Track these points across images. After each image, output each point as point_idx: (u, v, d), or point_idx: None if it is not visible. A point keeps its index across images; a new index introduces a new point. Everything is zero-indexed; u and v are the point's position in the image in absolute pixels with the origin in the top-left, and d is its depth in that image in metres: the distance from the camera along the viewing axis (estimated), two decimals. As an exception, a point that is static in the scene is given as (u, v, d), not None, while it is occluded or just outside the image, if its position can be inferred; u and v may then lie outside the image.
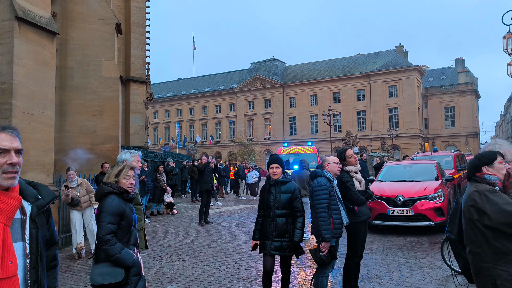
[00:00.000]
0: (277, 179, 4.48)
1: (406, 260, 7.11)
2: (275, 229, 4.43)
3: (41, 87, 8.03)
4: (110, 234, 3.21)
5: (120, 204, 3.33)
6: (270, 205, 4.45)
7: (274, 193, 4.48)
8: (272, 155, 4.75)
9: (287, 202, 4.42)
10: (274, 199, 4.46)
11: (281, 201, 4.42)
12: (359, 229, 4.91)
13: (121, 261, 3.18)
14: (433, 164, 10.61)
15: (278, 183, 4.49)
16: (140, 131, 18.26)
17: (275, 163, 4.50)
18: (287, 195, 4.43)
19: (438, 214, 8.93)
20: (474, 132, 54.86)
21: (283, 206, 4.41)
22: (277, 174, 4.46)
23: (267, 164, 4.57)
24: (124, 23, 17.99)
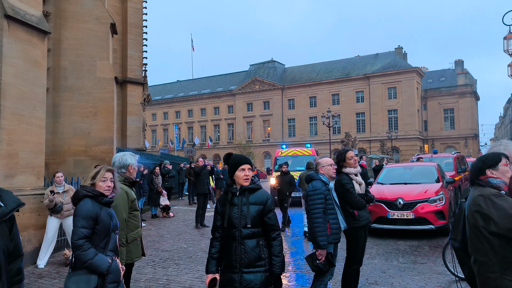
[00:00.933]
0: (246, 186, 3.23)
1: (407, 265, 6.90)
2: (244, 255, 3.12)
3: (31, 87, 7.81)
4: (83, 239, 3.07)
5: (94, 207, 3.17)
6: (234, 222, 3.18)
7: (239, 205, 3.20)
8: (237, 155, 3.45)
9: (258, 218, 3.18)
10: (239, 213, 3.16)
11: (249, 216, 3.15)
12: (358, 235, 4.70)
13: (94, 267, 3.04)
14: (433, 166, 10.41)
15: (244, 192, 3.22)
16: (137, 133, 18.04)
17: (246, 163, 3.29)
18: (256, 208, 3.19)
19: (439, 217, 8.73)
20: (474, 134, 54.73)
21: (253, 222, 3.16)
22: (249, 179, 3.28)
23: (233, 164, 3.30)
24: (121, 24, 17.80)
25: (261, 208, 3.21)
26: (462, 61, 62.03)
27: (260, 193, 3.27)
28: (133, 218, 4.00)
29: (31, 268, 7.18)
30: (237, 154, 3.40)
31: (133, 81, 17.84)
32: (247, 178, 3.25)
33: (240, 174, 3.25)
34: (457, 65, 61.89)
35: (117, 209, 3.70)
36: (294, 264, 7.17)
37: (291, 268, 6.93)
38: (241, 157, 3.35)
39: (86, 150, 10.83)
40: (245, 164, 3.28)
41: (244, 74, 66.91)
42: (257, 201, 3.22)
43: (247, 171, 3.26)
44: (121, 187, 3.80)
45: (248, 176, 3.25)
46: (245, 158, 3.33)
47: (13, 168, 7.40)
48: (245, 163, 3.29)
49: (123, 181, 3.95)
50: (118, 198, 3.73)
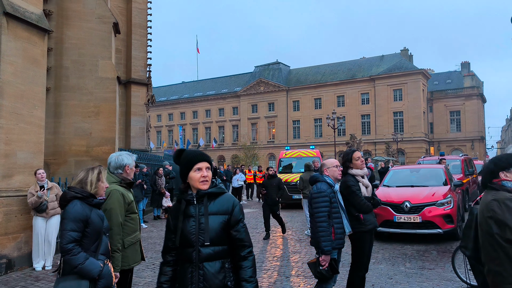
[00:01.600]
0: (204, 191, 2.49)
1: (414, 271, 6.67)
2: (202, 284, 2.41)
3: (30, 86, 7.68)
4: (73, 242, 2.90)
5: (84, 209, 3.00)
6: (190, 239, 2.44)
7: (196, 216, 2.46)
8: (191, 150, 2.68)
9: (221, 231, 2.45)
10: (197, 227, 2.45)
11: (210, 230, 2.43)
12: (364, 239, 4.48)
13: (85, 272, 2.88)
14: (441, 169, 10.17)
15: (202, 198, 2.50)
16: (140, 134, 17.93)
17: (203, 160, 2.55)
18: (220, 219, 2.46)
19: (447, 221, 8.48)
20: (480, 137, 54.18)
21: (214, 239, 2.43)
22: (208, 180, 2.52)
23: (185, 163, 2.57)
24: (126, 24, 17.73)
25: (225, 218, 2.47)
26: (468, 63, 61.53)
27: (224, 199, 2.54)
28: (130, 221, 3.77)
29: (28, 271, 7.04)
30: (191, 150, 2.66)
31: (137, 82, 17.73)
32: (205, 180, 2.48)
33: (196, 176, 2.49)
34: (463, 67, 61.38)
35: (112, 213, 3.50)
36: (298, 269, 6.96)
37: (294, 273, 6.73)
38: (196, 153, 2.59)
39: (88, 151, 10.70)
40: (201, 162, 2.52)
41: (249, 75, 66.77)
42: (220, 210, 2.48)
43: (205, 171, 2.50)
44: (116, 189, 3.62)
45: (206, 177, 2.49)
46: (201, 155, 2.58)
47: (11, 168, 7.26)
48: (201, 160, 2.53)
49: (119, 182, 3.72)
50: (114, 201, 3.54)
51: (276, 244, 9.22)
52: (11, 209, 7.10)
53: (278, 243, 9.36)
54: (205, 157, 2.60)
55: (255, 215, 14.99)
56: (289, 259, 7.73)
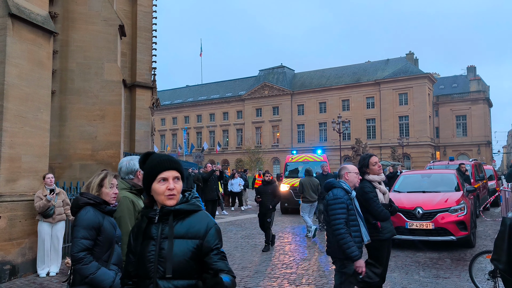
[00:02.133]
0: (170, 207, 1.98)
1: (429, 279, 6.45)
2: None
3: (35, 88, 7.54)
4: (84, 251, 2.74)
5: (96, 216, 2.85)
6: (148, 267, 1.94)
7: (157, 239, 1.97)
8: (157, 155, 2.15)
9: (189, 261, 1.93)
10: (156, 253, 1.95)
11: (174, 259, 1.92)
12: (382, 248, 4.30)
13: (96, 283, 2.71)
14: (453, 174, 9.94)
15: (167, 216, 1.99)
16: (145, 138, 17.79)
17: (170, 169, 2.03)
18: (188, 245, 1.94)
19: (461, 228, 8.25)
20: (486, 141, 53.75)
21: (179, 270, 1.91)
22: (176, 194, 2.01)
23: (148, 171, 2.07)
24: (131, 27, 17.63)
25: (196, 244, 1.93)
26: (474, 67, 61.20)
27: (196, 218, 1.99)
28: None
29: (32, 277, 6.88)
30: (157, 154, 2.13)
31: (142, 85, 17.60)
32: (171, 194, 1.97)
33: (159, 188, 1.98)
34: (469, 71, 61.05)
35: (122, 221, 3.28)
36: (309, 277, 6.76)
37: (305, 281, 6.53)
38: (161, 159, 2.05)
39: (93, 154, 10.55)
40: (167, 171, 2.00)
41: (254, 79, 66.70)
42: (190, 233, 1.95)
43: (172, 182, 1.98)
44: (126, 196, 3.43)
45: (173, 191, 1.97)
46: (167, 161, 2.04)
47: (15, 172, 7.12)
48: (167, 168, 2.01)
49: (129, 188, 3.47)
50: (123, 209, 3.32)
51: (284, 251, 9.01)
52: (15, 214, 6.95)
53: (286, 250, 9.16)
54: (173, 164, 2.04)
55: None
56: (299, 266, 7.53)
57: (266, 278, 6.68)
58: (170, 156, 2.13)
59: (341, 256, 3.89)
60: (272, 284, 6.37)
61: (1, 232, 6.70)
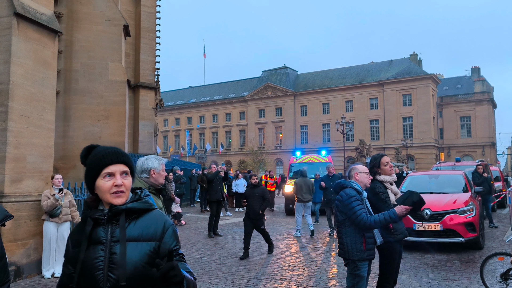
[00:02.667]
0: (121, 207, 1.76)
1: (438, 282, 6.36)
2: None
3: (40, 88, 7.49)
4: None
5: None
6: (95, 276, 1.69)
7: (107, 243, 1.73)
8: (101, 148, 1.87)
9: (145, 267, 1.70)
10: (106, 259, 1.71)
11: (128, 265, 1.69)
12: (394, 250, 4.20)
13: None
14: (461, 175, 9.83)
15: (118, 215, 1.76)
16: (148, 138, 17.74)
17: (117, 162, 1.80)
18: (144, 248, 1.73)
19: (469, 229, 8.15)
20: (491, 142, 53.46)
21: (135, 277, 1.69)
22: (125, 191, 1.78)
23: (91, 166, 1.80)
24: (134, 28, 17.59)
25: (153, 246, 1.74)
26: (478, 68, 60.96)
27: (151, 218, 1.80)
28: None
29: (37, 279, 6.82)
30: (102, 147, 1.86)
31: (146, 86, 17.58)
32: (118, 190, 1.75)
33: (105, 185, 1.75)
34: (473, 72, 60.79)
35: None
36: (316, 279, 6.67)
37: (312, 283, 6.44)
38: (106, 152, 1.80)
39: (97, 155, 10.52)
40: (114, 165, 1.77)
41: (257, 80, 66.64)
42: (145, 234, 1.74)
43: (119, 178, 1.76)
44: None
45: (120, 187, 1.75)
46: (113, 153, 1.80)
47: (20, 173, 7.06)
48: (113, 161, 1.77)
49: (147, 188, 3.36)
50: None
51: (290, 252, 8.93)
52: (20, 215, 6.89)
53: (292, 251, 9.07)
54: (120, 157, 1.79)
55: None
56: (306, 268, 7.44)
57: (273, 280, 6.60)
58: (117, 148, 1.86)
59: (354, 257, 3.80)
60: (279, 286, 6.29)
61: (6, 232, 6.64)
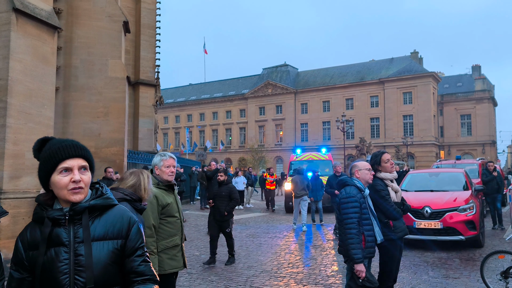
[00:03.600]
0: (84, 205, 1.65)
1: (438, 280, 6.33)
2: None
3: (39, 84, 7.46)
4: None
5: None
6: (61, 281, 1.59)
7: (70, 244, 1.62)
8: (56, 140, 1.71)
9: (112, 266, 1.66)
10: (72, 262, 1.61)
11: (95, 266, 1.62)
12: (394, 248, 4.18)
13: None
14: (461, 173, 9.80)
15: (80, 214, 1.65)
16: (148, 135, 17.73)
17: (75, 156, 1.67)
18: (110, 246, 1.67)
19: (470, 227, 8.12)
20: (491, 141, 53.41)
21: (103, 278, 1.63)
22: (84, 187, 1.66)
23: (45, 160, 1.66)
24: (134, 24, 17.55)
25: (118, 245, 1.67)
26: (479, 66, 60.82)
27: (114, 215, 1.71)
28: (166, 225, 3.51)
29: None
30: (57, 140, 1.71)
31: (146, 83, 17.57)
32: (76, 187, 1.62)
33: (61, 181, 1.61)
34: (474, 70, 60.66)
35: (144, 215, 3.24)
36: (316, 276, 6.64)
37: (312, 280, 6.41)
38: (62, 145, 1.66)
39: (96, 152, 10.46)
40: (70, 159, 1.63)
41: (257, 77, 66.53)
42: (110, 233, 1.67)
43: (77, 173, 1.63)
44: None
45: (78, 183, 1.62)
46: (71, 146, 1.66)
47: (19, 169, 7.04)
48: (70, 156, 1.64)
49: (156, 184, 3.48)
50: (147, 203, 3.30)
51: (290, 250, 8.90)
52: (18, 212, 6.87)
53: (292, 249, 9.05)
54: (79, 151, 1.66)
55: (265, 219, 14.70)
56: (305, 265, 7.41)
57: (272, 278, 6.58)
58: (75, 140, 1.73)
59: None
60: (278, 283, 6.26)
61: (4, 229, 6.63)
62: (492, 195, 10.93)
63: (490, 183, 10.89)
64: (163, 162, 3.54)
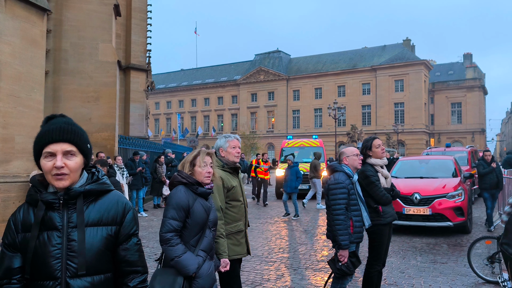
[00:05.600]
0: (79, 189, 1.63)
1: (426, 265, 6.45)
2: None
3: (29, 68, 7.35)
4: (172, 232, 2.62)
5: (188, 197, 2.70)
6: (52, 266, 1.56)
7: (64, 229, 1.59)
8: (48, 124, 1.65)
9: (104, 252, 1.64)
10: (64, 247, 1.57)
11: (88, 251, 1.59)
12: (383, 233, 4.24)
13: (180, 267, 2.57)
14: (451, 160, 9.92)
15: (75, 198, 1.62)
16: (140, 121, 17.61)
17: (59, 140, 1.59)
18: (103, 232, 1.65)
19: (458, 214, 8.25)
20: (481, 129, 53.98)
21: (95, 264, 1.61)
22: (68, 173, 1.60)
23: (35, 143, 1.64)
24: (125, 8, 17.26)
25: (112, 231, 1.66)
26: (471, 55, 61.09)
27: (109, 201, 1.69)
28: (230, 209, 3.35)
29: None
30: (53, 121, 1.65)
31: (137, 68, 17.37)
32: (58, 173, 1.57)
33: (45, 165, 1.58)
34: (465, 59, 60.95)
35: (211, 197, 3.12)
36: (306, 261, 6.74)
37: (302, 265, 6.50)
38: (49, 128, 1.61)
39: (87, 137, 10.41)
40: (54, 144, 1.58)
41: (249, 64, 66.14)
42: (105, 218, 1.65)
43: (60, 159, 1.57)
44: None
45: (60, 170, 1.57)
46: (56, 130, 1.59)
47: (8, 153, 6.97)
48: (54, 140, 1.58)
49: (221, 166, 3.36)
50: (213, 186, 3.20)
51: (281, 235, 8.99)
52: (8, 196, 6.83)
53: (283, 234, 9.14)
54: (64, 135, 1.59)
55: (257, 205, 14.76)
56: (296, 251, 7.51)
57: (263, 262, 6.65)
58: (67, 122, 1.64)
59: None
60: (269, 268, 6.34)
61: (-5, 213, 6.59)
62: (490, 190, 9.06)
63: (488, 176, 9.05)
64: (229, 143, 3.39)
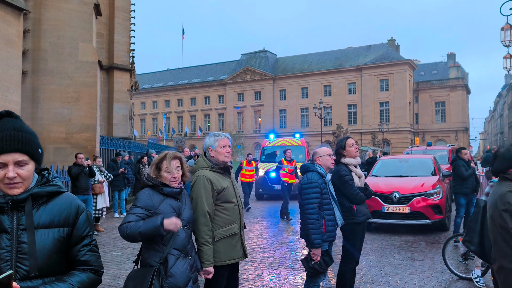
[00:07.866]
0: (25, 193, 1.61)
1: (403, 262, 6.55)
2: None
3: (4, 68, 7.26)
4: (127, 223, 2.71)
5: (152, 198, 2.79)
6: (2, 269, 1.53)
7: (13, 231, 1.57)
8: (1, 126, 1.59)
9: (57, 255, 1.63)
10: (14, 249, 1.56)
11: (39, 253, 1.58)
12: (356, 231, 4.29)
13: (149, 230, 2.62)
14: (430, 159, 10.07)
15: (24, 201, 1.61)
16: (123, 121, 17.48)
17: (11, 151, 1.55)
18: (55, 234, 1.64)
19: (436, 212, 8.38)
20: (464, 128, 54.80)
21: (47, 266, 1.60)
22: (21, 182, 1.59)
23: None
24: (108, 7, 17.11)
25: (66, 232, 1.65)
26: (454, 54, 62.03)
27: (62, 202, 1.68)
28: (222, 211, 3.17)
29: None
30: (2, 127, 1.57)
31: (120, 67, 17.22)
32: (11, 182, 1.56)
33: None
34: (449, 58, 61.84)
35: (198, 201, 3.06)
36: (286, 260, 6.77)
37: (282, 264, 6.54)
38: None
39: (67, 138, 10.30)
40: (5, 154, 1.55)
41: (236, 63, 66.06)
42: (56, 220, 1.64)
43: (12, 169, 1.56)
44: (202, 175, 3.12)
45: (13, 180, 1.56)
46: (6, 140, 1.55)
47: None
48: (4, 151, 1.54)
49: (210, 167, 3.19)
50: (199, 188, 3.07)
51: (262, 235, 9.02)
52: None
53: (264, 234, 9.17)
54: (14, 145, 1.55)
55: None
56: (276, 250, 7.54)
57: (243, 262, 6.65)
58: (16, 130, 1.58)
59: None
60: (249, 267, 6.36)
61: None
62: (468, 195, 7.94)
63: (469, 179, 7.89)
64: (218, 142, 3.25)
